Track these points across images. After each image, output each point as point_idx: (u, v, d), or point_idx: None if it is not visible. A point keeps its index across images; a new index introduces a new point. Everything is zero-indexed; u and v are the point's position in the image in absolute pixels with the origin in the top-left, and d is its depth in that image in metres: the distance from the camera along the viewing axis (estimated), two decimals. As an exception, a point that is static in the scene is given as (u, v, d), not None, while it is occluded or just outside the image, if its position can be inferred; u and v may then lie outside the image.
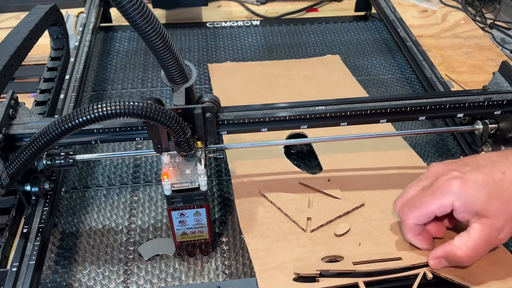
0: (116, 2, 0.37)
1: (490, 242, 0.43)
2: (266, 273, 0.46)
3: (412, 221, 0.46)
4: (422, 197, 0.45)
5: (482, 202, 0.42)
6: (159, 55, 0.43)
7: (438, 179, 0.44)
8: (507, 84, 0.55)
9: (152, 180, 0.61)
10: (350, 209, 0.53)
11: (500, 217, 0.42)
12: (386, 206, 0.54)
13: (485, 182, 0.42)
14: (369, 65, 0.84)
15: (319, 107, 0.52)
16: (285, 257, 0.48)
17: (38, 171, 0.51)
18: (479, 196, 0.42)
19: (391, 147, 0.63)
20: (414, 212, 0.45)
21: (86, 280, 0.50)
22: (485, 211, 0.42)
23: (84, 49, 0.74)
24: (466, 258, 0.43)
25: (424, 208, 0.45)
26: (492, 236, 0.43)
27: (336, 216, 0.52)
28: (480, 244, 0.43)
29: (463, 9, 1.04)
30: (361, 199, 0.55)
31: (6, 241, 0.50)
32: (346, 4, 1.06)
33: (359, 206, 0.54)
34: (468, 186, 0.43)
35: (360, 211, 0.54)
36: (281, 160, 0.61)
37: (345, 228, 0.51)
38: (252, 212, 0.53)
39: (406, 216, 0.46)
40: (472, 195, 0.42)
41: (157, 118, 0.40)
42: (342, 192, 0.56)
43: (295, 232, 0.51)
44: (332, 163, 0.60)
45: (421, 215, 0.45)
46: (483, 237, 0.43)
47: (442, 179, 0.44)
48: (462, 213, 0.43)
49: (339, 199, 0.55)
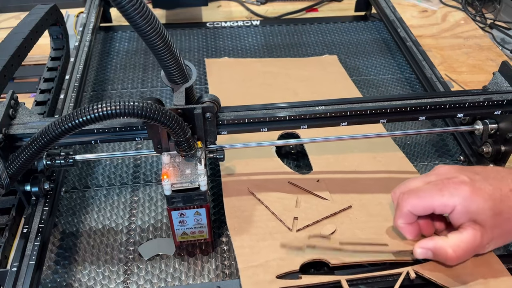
0: (116, 2, 0.37)
1: (477, 250, 0.44)
2: (249, 271, 0.46)
3: (409, 208, 0.45)
4: (427, 189, 0.45)
5: (485, 215, 0.42)
6: (159, 55, 0.43)
7: (449, 179, 0.44)
8: (507, 84, 0.55)
9: (152, 180, 0.61)
10: (337, 211, 0.53)
11: (494, 231, 0.43)
12: (374, 209, 0.53)
13: (493, 195, 0.43)
14: (369, 65, 0.84)
15: (319, 107, 0.52)
16: (269, 255, 0.48)
17: (38, 171, 0.51)
18: (484, 208, 0.42)
19: (383, 150, 0.63)
20: (414, 200, 0.45)
21: (86, 280, 0.50)
22: (483, 222, 0.43)
23: (84, 49, 0.74)
24: (455, 257, 0.43)
25: (425, 200, 0.44)
26: (481, 244, 0.43)
27: (323, 217, 0.52)
28: (470, 248, 0.43)
29: (463, 9, 1.04)
30: (349, 201, 0.55)
31: (6, 241, 0.50)
32: (346, 4, 1.06)
33: (347, 208, 0.54)
34: (476, 195, 0.43)
35: (347, 213, 0.53)
36: (272, 159, 0.61)
37: (331, 229, 0.51)
38: (240, 209, 0.53)
39: (404, 201, 0.45)
40: (478, 205, 0.42)
41: (157, 118, 0.40)
42: (330, 193, 0.56)
43: (281, 231, 0.51)
44: (323, 164, 0.60)
45: (419, 205, 0.45)
46: (474, 243, 0.43)
47: (453, 180, 0.44)
48: (459, 217, 0.43)
49: (327, 200, 0.55)
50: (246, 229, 0.51)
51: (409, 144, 0.67)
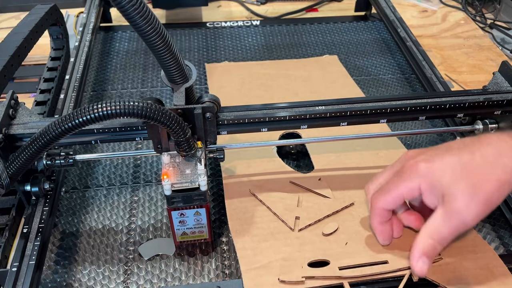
0: (116, 2, 0.37)
1: (456, 227, 0.41)
2: (252, 272, 0.46)
3: (381, 205, 0.45)
4: (392, 180, 0.44)
5: (447, 183, 0.41)
6: (159, 55, 0.43)
7: (408, 162, 0.44)
8: (507, 84, 0.55)
9: (152, 180, 0.61)
10: (339, 209, 0.53)
11: (465, 199, 0.40)
12: None
13: (451, 163, 0.41)
14: (369, 65, 0.84)
15: (319, 107, 0.52)
16: (272, 256, 0.48)
17: (38, 171, 0.51)
18: (444, 177, 0.41)
19: (385, 147, 0.62)
20: (383, 196, 0.45)
21: (86, 280, 0.50)
22: (449, 193, 0.41)
23: (84, 49, 0.74)
24: (436, 244, 0.42)
25: (393, 192, 0.44)
26: (456, 220, 0.41)
27: (325, 215, 0.52)
28: (444, 228, 0.41)
29: (463, 9, 1.04)
30: (351, 198, 0.54)
31: (6, 241, 0.50)
32: (346, 4, 1.06)
33: (349, 205, 0.54)
34: (433, 167, 0.42)
35: (349, 210, 0.53)
36: (273, 159, 0.61)
37: (333, 227, 0.51)
38: (241, 211, 0.53)
39: (375, 200, 0.45)
40: (436, 176, 0.41)
41: (157, 118, 0.40)
42: (332, 191, 0.55)
43: (283, 231, 0.51)
44: (324, 163, 0.60)
45: (389, 199, 0.44)
46: (446, 222, 0.41)
47: (410, 163, 0.43)
48: (429, 197, 0.42)
49: (329, 198, 0.55)
50: (247, 230, 0.51)
51: (409, 144, 0.67)
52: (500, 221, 0.56)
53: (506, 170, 0.40)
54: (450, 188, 0.41)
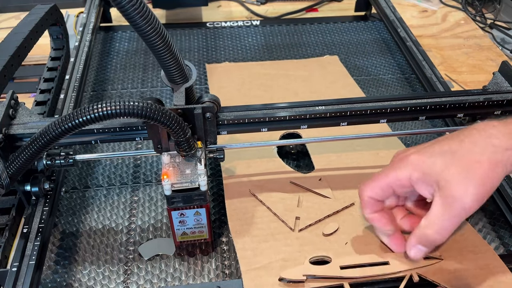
0: (116, 2, 0.37)
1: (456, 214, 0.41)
2: (252, 273, 0.46)
3: (367, 193, 0.45)
4: (381, 171, 0.45)
5: (440, 170, 0.41)
6: (159, 55, 0.43)
7: (397, 156, 0.45)
8: (507, 84, 0.55)
9: (152, 180, 0.61)
10: (340, 209, 0.53)
11: (460, 183, 0.40)
12: None
13: (442, 152, 0.41)
14: (369, 65, 0.84)
15: (319, 107, 0.52)
16: (272, 257, 0.48)
17: (38, 171, 0.51)
18: (436, 164, 0.41)
19: (386, 147, 0.62)
20: (370, 183, 0.45)
21: (86, 280, 0.50)
22: (444, 180, 0.40)
23: (84, 49, 0.74)
24: (436, 235, 0.42)
25: (381, 180, 0.44)
26: (455, 207, 0.40)
27: (325, 215, 0.52)
28: (444, 217, 0.41)
29: (463, 9, 1.04)
30: (352, 198, 0.54)
31: (6, 241, 0.50)
32: (346, 4, 1.06)
33: (349, 205, 0.54)
34: (424, 157, 0.42)
35: (349, 210, 0.53)
36: (274, 159, 0.61)
37: (333, 228, 0.50)
38: (241, 211, 0.53)
39: (361, 189, 0.45)
40: (428, 164, 0.41)
41: (157, 118, 0.40)
42: (332, 191, 0.55)
43: (283, 232, 0.51)
44: (325, 163, 0.60)
45: (376, 187, 0.44)
46: (446, 210, 0.41)
47: (402, 156, 0.44)
48: (423, 186, 0.42)
49: (329, 198, 0.55)
50: (248, 231, 0.51)
51: (409, 144, 0.67)
52: (500, 221, 0.56)
53: (496, 150, 0.40)
54: (443, 175, 0.41)
